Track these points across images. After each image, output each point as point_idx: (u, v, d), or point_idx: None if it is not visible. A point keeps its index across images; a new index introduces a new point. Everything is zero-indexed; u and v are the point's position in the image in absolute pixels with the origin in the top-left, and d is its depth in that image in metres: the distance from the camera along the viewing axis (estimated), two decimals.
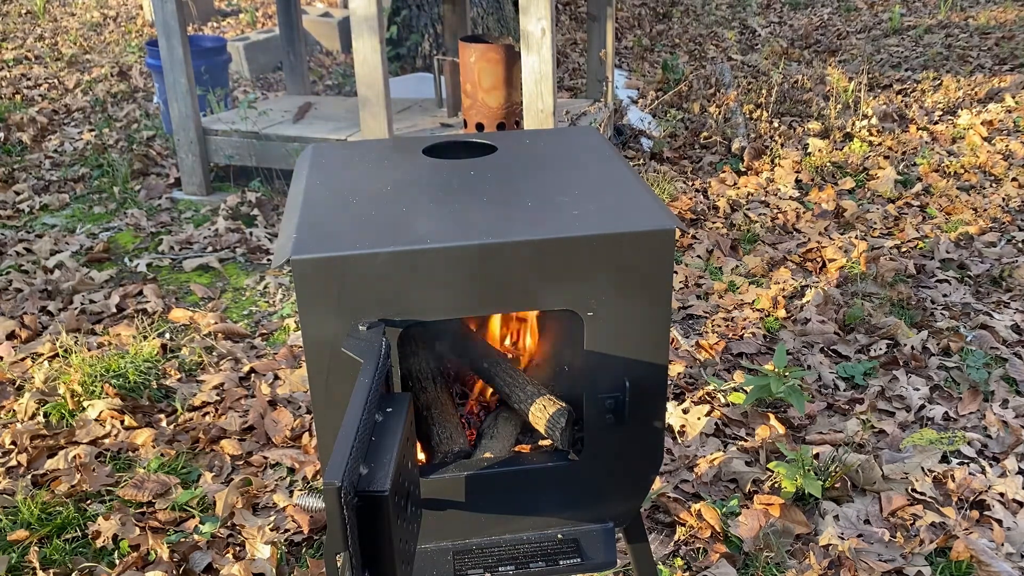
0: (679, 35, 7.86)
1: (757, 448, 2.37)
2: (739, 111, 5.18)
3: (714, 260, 3.55)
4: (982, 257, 3.49)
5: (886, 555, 1.98)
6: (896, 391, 2.63)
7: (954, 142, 4.80)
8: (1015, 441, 2.37)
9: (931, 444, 2.32)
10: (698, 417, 2.48)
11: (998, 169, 4.34)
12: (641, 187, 1.29)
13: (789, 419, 2.51)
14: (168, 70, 4.18)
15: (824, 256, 3.52)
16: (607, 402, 1.23)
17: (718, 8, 8.90)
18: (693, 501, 2.17)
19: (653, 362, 1.22)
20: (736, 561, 1.99)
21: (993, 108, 5.24)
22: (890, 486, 2.20)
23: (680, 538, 2.06)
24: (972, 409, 2.53)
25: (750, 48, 7.34)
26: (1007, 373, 2.70)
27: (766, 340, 2.94)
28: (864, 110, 5.19)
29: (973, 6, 8.44)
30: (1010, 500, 2.15)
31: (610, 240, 1.13)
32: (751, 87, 5.89)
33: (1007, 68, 6.26)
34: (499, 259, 1.12)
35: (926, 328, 2.96)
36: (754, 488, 2.23)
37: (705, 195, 4.21)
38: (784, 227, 3.83)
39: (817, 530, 2.07)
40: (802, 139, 4.84)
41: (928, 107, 5.40)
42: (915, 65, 6.51)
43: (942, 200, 4.03)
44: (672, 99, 5.52)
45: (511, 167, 1.42)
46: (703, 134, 4.92)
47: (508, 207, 1.23)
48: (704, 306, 3.17)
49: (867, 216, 3.88)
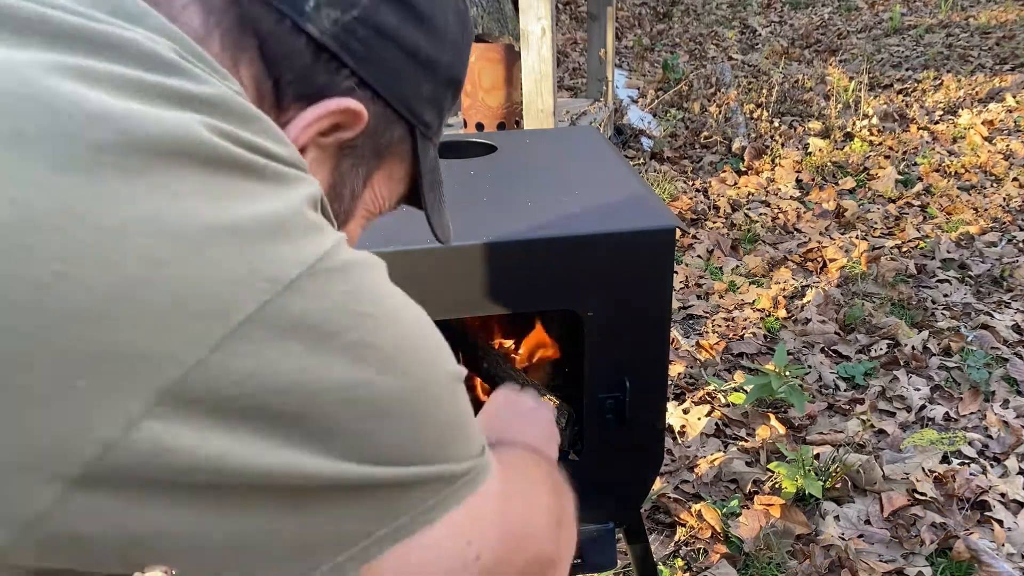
0: (679, 34, 7.86)
1: (757, 448, 2.36)
2: (739, 111, 5.18)
3: (714, 260, 3.54)
4: (983, 257, 3.48)
5: (887, 555, 1.98)
6: (897, 391, 2.62)
7: (955, 142, 4.79)
8: (1016, 441, 2.36)
9: (932, 444, 2.31)
10: (698, 417, 2.47)
11: (999, 169, 4.34)
12: (641, 187, 1.28)
13: (789, 419, 2.51)
14: None
15: (825, 256, 3.51)
16: (607, 402, 1.22)
17: (718, 7, 8.90)
18: (693, 501, 2.16)
19: (653, 362, 1.21)
20: (736, 561, 1.98)
21: (994, 108, 5.23)
22: (891, 486, 2.19)
23: (680, 538, 2.06)
24: (973, 409, 2.53)
25: (750, 48, 7.34)
26: (1008, 373, 2.69)
27: (766, 340, 2.94)
28: (865, 110, 5.19)
29: (974, 5, 8.44)
30: (1011, 500, 2.15)
31: (610, 239, 1.12)
32: (751, 87, 5.88)
33: (1008, 68, 6.26)
34: (499, 259, 1.11)
35: (927, 328, 2.95)
36: (754, 488, 2.22)
37: (705, 195, 4.21)
38: (785, 227, 3.83)
39: (818, 530, 2.07)
40: (803, 139, 4.84)
41: (929, 107, 5.40)
42: (916, 65, 6.51)
43: (943, 200, 4.02)
44: (672, 99, 5.52)
45: (511, 167, 1.42)
46: (703, 134, 4.91)
47: (508, 207, 1.22)
48: (704, 306, 3.16)
49: (868, 216, 3.88)
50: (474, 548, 0.54)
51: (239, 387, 0.41)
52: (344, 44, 0.59)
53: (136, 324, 0.39)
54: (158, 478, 0.40)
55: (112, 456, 0.39)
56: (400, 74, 0.63)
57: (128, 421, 0.39)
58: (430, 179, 0.72)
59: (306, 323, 0.43)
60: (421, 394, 0.50)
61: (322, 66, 0.59)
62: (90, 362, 0.38)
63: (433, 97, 0.68)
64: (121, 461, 0.39)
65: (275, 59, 0.57)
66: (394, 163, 0.69)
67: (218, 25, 0.55)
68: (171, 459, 0.40)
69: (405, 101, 0.65)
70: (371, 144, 0.65)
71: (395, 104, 0.64)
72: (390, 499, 0.49)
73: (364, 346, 0.46)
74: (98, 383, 0.38)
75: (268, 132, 0.48)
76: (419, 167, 0.70)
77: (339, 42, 0.59)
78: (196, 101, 0.45)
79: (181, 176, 0.41)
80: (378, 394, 0.46)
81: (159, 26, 0.49)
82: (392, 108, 0.64)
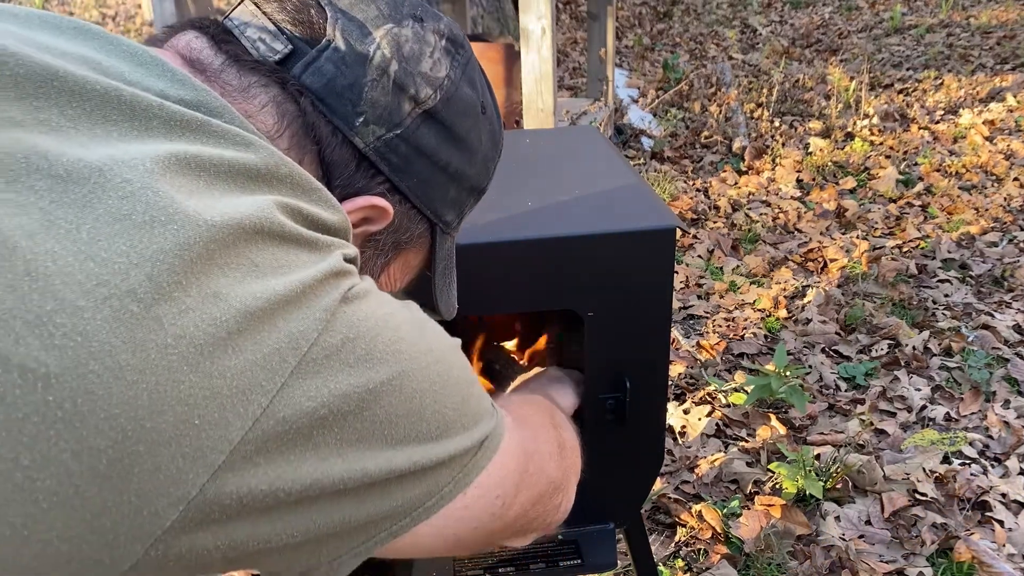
0: (680, 34, 7.85)
1: (758, 449, 2.36)
2: (740, 110, 5.17)
3: (715, 260, 3.54)
4: (984, 257, 3.48)
5: (887, 556, 1.98)
6: (897, 391, 2.62)
7: (955, 142, 4.79)
8: (1016, 441, 2.36)
9: (932, 445, 2.31)
10: (699, 418, 2.47)
11: (999, 169, 4.33)
12: (642, 186, 1.28)
13: (790, 420, 2.50)
14: None
15: (825, 256, 3.51)
16: (607, 402, 1.22)
17: (719, 7, 8.90)
18: (694, 502, 2.16)
19: (654, 362, 1.21)
20: (737, 562, 1.98)
21: (995, 107, 5.23)
22: (891, 487, 2.19)
23: (681, 539, 2.05)
24: (973, 409, 2.52)
25: (751, 47, 7.34)
26: (1008, 373, 2.69)
27: (767, 340, 2.94)
28: (865, 109, 5.18)
29: (974, 5, 8.43)
30: (1011, 501, 2.14)
31: (610, 239, 1.12)
32: (752, 86, 5.88)
33: (1009, 67, 6.25)
34: (499, 259, 1.11)
35: (927, 328, 2.95)
36: (755, 489, 2.22)
37: (706, 195, 4.20)
38: (785, 227, 3.83)
39: (818, 531, 2.06)
40: (803, 138, 4.83)
41: (929, 106, 5.40)
42: (916, 64, 6.51)
43: (943, 200, 4.02)
44: (673, 98, 5.51)
45: (511, 167, 1.41)
46: (704, 133, 4.91)
47: (508, 207, 1.22)
48: (705, 306, 3.16)
49: (868, 216, 3.87)
50: (501, 499, 0.66)
51: (311, 414, 0.51)
52: (383, 156, 0.69)
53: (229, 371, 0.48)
54: (257, 506, 0.50)
55: (211, 491, 0.48)
56: (429, 183, 0.73)
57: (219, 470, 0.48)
58: (443, 267, 0.82)
59: (346, 352, 0.54)
60: (442, 364, 0.61)
61: (362, 172, 0.69)
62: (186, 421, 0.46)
63: (457, 201, 0.77)
64: (219, 499, 0.48)
65: (329, 163, 0.67)
66: (411, 253, 0.79)
67: (288, 127, 0.65)
68: (263, 491, 0.50)
69: (430, 204, 0.75)
70: (393, 238, 0.75)
71: (420, 206, 0.74)
72: (435, 475, 0.60)
73: (392, 350, 0.57)
74: (186, 448, 0.46)
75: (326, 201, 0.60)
76: (434, 257, 0.80)
77: (379, 155, 0.69)
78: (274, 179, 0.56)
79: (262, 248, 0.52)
80: (410, 380, 0.57)
81: (236, 119, 0.58)
82: (417, 209, 0.74)
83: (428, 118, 0.70)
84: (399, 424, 0.56)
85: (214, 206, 0.50)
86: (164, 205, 0.48)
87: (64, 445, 0.42)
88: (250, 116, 0.63)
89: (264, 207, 0.53)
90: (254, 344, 0.49)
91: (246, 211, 0.51)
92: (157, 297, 0.45)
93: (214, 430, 0.47)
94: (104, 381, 0.43)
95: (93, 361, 0.43)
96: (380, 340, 0.56)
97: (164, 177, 0.49)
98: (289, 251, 0.53)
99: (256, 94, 0.64)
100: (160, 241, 0.47)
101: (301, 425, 0.50)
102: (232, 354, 0.48)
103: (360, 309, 0.56)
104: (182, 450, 0.46)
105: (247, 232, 0.51)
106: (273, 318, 0.50)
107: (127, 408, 0.44)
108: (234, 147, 0.55)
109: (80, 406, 0.43)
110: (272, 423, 0.49)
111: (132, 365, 0.44)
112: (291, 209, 0.55)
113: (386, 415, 0.55)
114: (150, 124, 0.53)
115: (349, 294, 0.55)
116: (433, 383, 0.59)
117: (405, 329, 0.59)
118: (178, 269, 0.46)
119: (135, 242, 0.46)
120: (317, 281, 0.53)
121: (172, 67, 0.59)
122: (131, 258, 0.45)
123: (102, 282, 0.44)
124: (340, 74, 0.66)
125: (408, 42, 0.69)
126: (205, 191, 0.51)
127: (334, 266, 0.56)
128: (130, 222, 0.46)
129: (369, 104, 0.67)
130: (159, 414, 0.45)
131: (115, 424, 0.44)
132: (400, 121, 0.68)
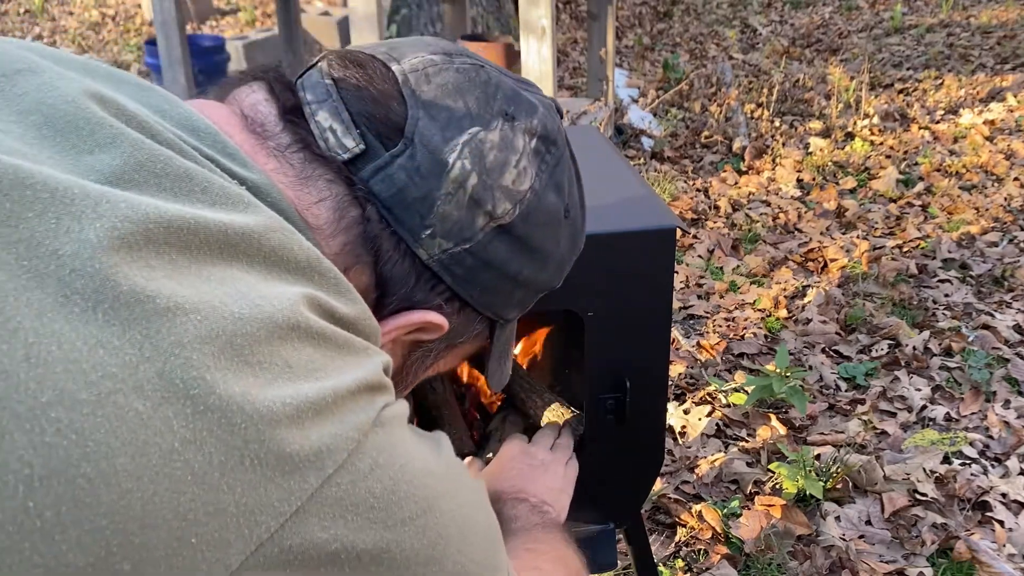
0: (680, 34, 7.85)
1: (758, 449, 2.36)
2: (740, 110, 5.17)
3: (715, 260, 3.54)
4: (984, 257, 3.47)
5: (888, 556, 1.97)
6: (898, 391, 2.62)
7: (956, 141, 4.78)
8: (1017, 442, 2.36)
9: (933, 445, 2.31)
10: (699, 418, 2.47)
11: (1000, 169, 4.33)
12: (642, 186, 1.28)
13: (790, 420, 2.50)
14: (167, 69, 4.17)
15: (825, 256, 3.50)
16: (607, 402, 1.22)
17: (719, 7, 8.90)
18: (694, 502, 2.16)
19: (654, 362, 1.21)
20: (737, 562, 1.98)
21: (995, 107, 5.22)
22: (892, 487, 2.19)
23: (681, 539, 2.05)
24: (974, 410, 2.52)
25: (751, 47, 7.34)
26: (1009, 373, 2.69)
27: (767, 340, 2.93)
28: (866, 109, 5.18)
29: (975, 5, 8.43)
30: (1012, 501, 2.14)
31: (611, 239, 1.12)
32: (752, 86, 5.88)
33: (1009, 67, 6.25)
34: None
35: (928, 328, 2.94)
36: (755, 489, 2.22)
37: (706, 194, 4.20)
38: (785, 227, 3.82)
39: (818, 531, 2.06)
40: (803, 138, 4.83)
41: (930, 106, 5.39)
42: (917, 64, 6.50)
43: (944, 200, 4.02)
44: (673, 98, 5.51)
45: None
46: (704, 133, 4.91)
47: None
48: (705, 306, 3.16)
49: (868, 216, 3.87)
50: None
51: (323, 548, 0.47)
52: (447, 267, 0.63)
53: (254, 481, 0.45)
54: None
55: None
56: (495, 291, 0.67)
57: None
58: (499, 352, 0.76)
59: (372, 481, 0.50)
60: (468, 509, 0.59)
61: (422, 284, 0.63)
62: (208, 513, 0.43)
63: (523, 301, 0.72)
64: None
65: (388, 277, 0.61)
66: (466, 348, 0.73)
67: (345, 231, 0.59)
68: None
69: (492, 308, 0.69)
70: (447, 340, 0.69)
71: (482, 310, 0.68)
72: None
73: (421, 491, 0.54)
74: (177, 571, 0.42)
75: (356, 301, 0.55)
76: (491, 348, 0.74)
77: (443, 266, 0.63)
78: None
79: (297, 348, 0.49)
80: (435, 524, 0.54)
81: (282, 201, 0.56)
82: (477, 312, 0.68)
83: (502, 232, 0.64)
84: (417, 573, 0.52)
85: (247, 295, 0.46)
86: (188, 294, 0.44)
87: (38, 560, 0.38)
88: (305, 207, 0.58)
89: (295, 300, 0.48)
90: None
91: (279, 304, 0.47)
92: (168, 396, 0.41)
93: (211, 551, 0.42)
94: (94, 487, 0.39)
95: (86, 463, 0.38)
96: (408, 474, 0.51)
97: None
98: (325, 352, 0.48)
99: (318, 187, 0.59)
100: (179, 332, 0.42)
101: (309, 559, 0.45)
102: (247, 467, 0.42)
103: (394, 435, 0.51)
104: (172, 573, 0.41)
105: (281, 328, 0.46)
106: (303, 428, 0.45)
107: (116, 519, 0.39)
108: (280, 233, 0.51)
109: (63, 515, 0.38)
110: (277, 551, 0.44)
111: (129, 471, 0.39)
112: (321, 305, 0.50)
113: (404, 559, 0.51)
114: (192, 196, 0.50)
115: (383, 416, 0.51)
116: (460, 528, 0.56)
117: (433, 466, 0.56)
118: (196, 364, 0.42)
119: (151, 332, 0.42)
120: (351, 392, 0.48)
121: (230, 146, 0.55)
122: (144, 351, 0.41)
123: (108, 374, 0.40)
124: (412, 184, 0.60)
125: (493, 150, 0.62)
126: (229, 279, 0.47)
127: (370, 378, 0.51)
128: (152, 306, 0.42)
129: (439, 218, 0.61)
130: (151, 528, 0.40)
131: (99, 537, 0.39)
132: (471, 236, 0.62)
